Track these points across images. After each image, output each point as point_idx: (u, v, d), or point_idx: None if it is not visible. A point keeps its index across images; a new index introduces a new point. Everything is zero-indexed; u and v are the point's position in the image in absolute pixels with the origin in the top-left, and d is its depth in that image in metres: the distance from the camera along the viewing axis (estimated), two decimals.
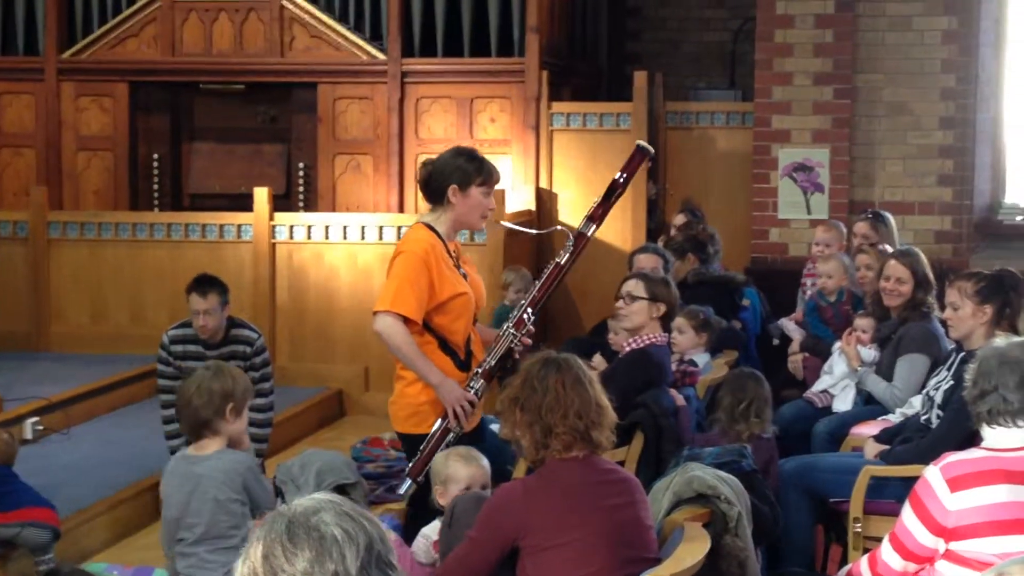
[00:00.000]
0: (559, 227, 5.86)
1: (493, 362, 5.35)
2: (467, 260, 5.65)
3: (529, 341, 5.47)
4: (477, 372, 5.34)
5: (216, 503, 4.89)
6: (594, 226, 5.48)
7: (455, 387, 5.24)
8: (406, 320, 5.26)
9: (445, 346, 5.39)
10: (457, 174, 5.39)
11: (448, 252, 5.42)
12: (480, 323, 5.75)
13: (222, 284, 7.10)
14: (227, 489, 4.92)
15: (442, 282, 5.32)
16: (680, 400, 6.16)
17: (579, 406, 4.12)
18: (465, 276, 5.49)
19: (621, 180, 5.53)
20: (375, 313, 5.32)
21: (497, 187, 5.50)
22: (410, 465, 5.31)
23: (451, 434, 5.22)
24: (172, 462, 5.20)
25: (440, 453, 5.05)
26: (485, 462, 4.87)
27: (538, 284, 5.47)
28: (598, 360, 6.58)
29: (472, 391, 5.27)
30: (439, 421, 5.22)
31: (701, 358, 7.19)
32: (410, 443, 5.41)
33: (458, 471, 4.79)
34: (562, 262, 5.44)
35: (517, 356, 5.42)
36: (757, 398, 6.02)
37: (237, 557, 4.68)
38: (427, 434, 5.28)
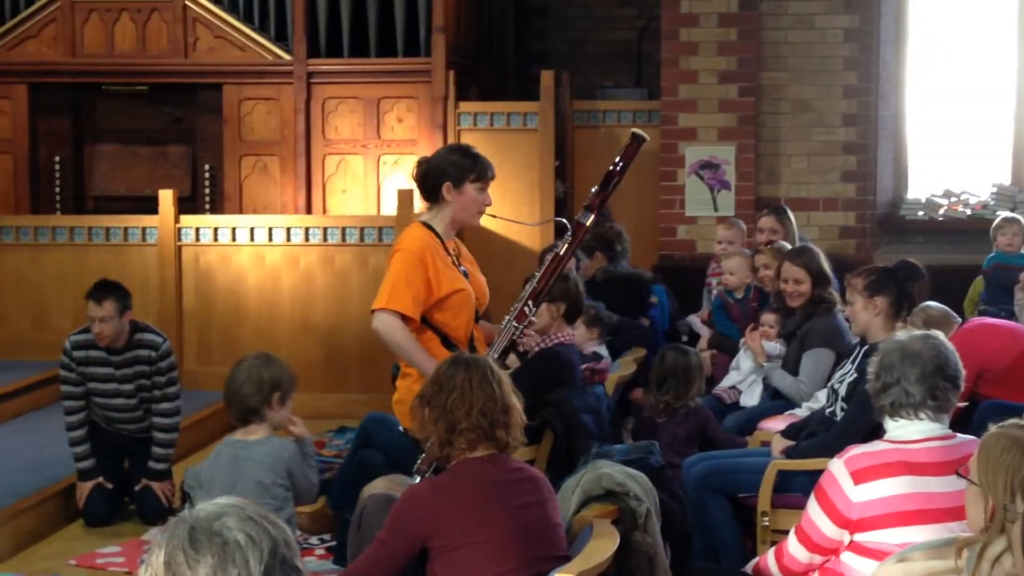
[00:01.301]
0: (555, 219, 5.83)
1: (496, 356, 5.28)
2: (468, 258, 5.65)
3: (532, 334, 5.50)
4: None
5: (261, 487, 5.00)
6: (592, 215, 5.44)
7: None
8: (404, 318, 5.25)
9: (447, 342, 5.38)
10: (451, 171, 5.41)
11: (446, 250, 5.42)
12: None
13: (121, 290, 6.98)
14: (272, 474, 5.03)
15: (440, 279, 5.33)
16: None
17: (484, 404, 4.12)
18: (466, 274, 5.48)
19: (618, 168, 5.49)
20: (372, 311, 5.32)
21: (405, 187, 5.51)
22: (419, 462, 5.26)
23: None
24: (219, 446, 5.25)
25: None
26: None
27: (537, 276, 5.45)
28: (512, 360, 6.58)
29: None
30: None
31: (601, 351, 7.25)
32: (411, 438, 5.33)
33: None
34: (561, 252, 5.42)
35: (521, 349, 5.43)
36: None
37: None
38: None
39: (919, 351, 4.14)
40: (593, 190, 5.50)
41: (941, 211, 10.22)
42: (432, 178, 5.44)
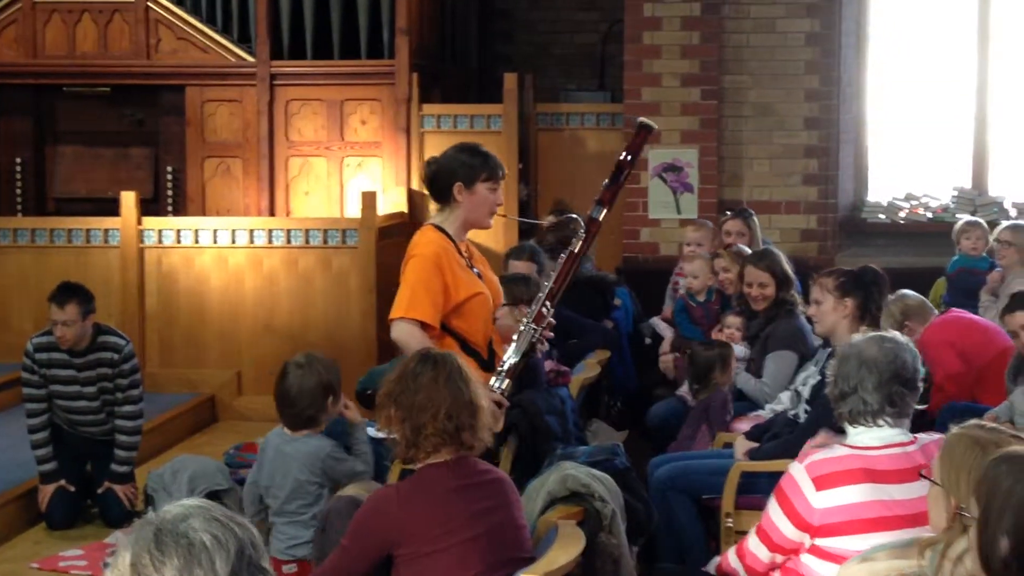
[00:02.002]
0: (568, 216, 5.72)
1: (516, 359, 5.21)
2: (479, 259, 5.53)
3: (551, 335, 5.39)
4: (501, 371, 5.20)
5: (296, 482, 5.26)
6: (605, 210, 5.36)
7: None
8: (424, 326, 5.13)
9: (466, 347, 5.25)
10: (461, 171, 5.27)
11: (460, 252, 5.31)
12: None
13: (84, 294, 6.94)
14: (307, 471, 5.26)
15: (457, 283, 5.22)
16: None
17: (450, 406, 4.08)
18: (479, 275, 5.38)
19: (627, 160, 5.40)
20: (391, 321, 5.18)
21: (367, 189, 5.43)
22: None
23: None
24: (271, 434, 5.49)
25: None
26: None
27: (554, 276, 5.35)
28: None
29: (498, 391, 5.13)
30: None
31: None
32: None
33: None
34: (576, 250, 5.32)
35: (539, 351, 5.37)
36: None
37: (305, 531, 4.66)
38: None
39: (875, 358, 4.13)
40: (604, 183, 5.42)
41: (902, 214, 10.28)
42: (442, 179, 5.30)
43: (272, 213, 10.49)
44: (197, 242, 9.55)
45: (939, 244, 9.10)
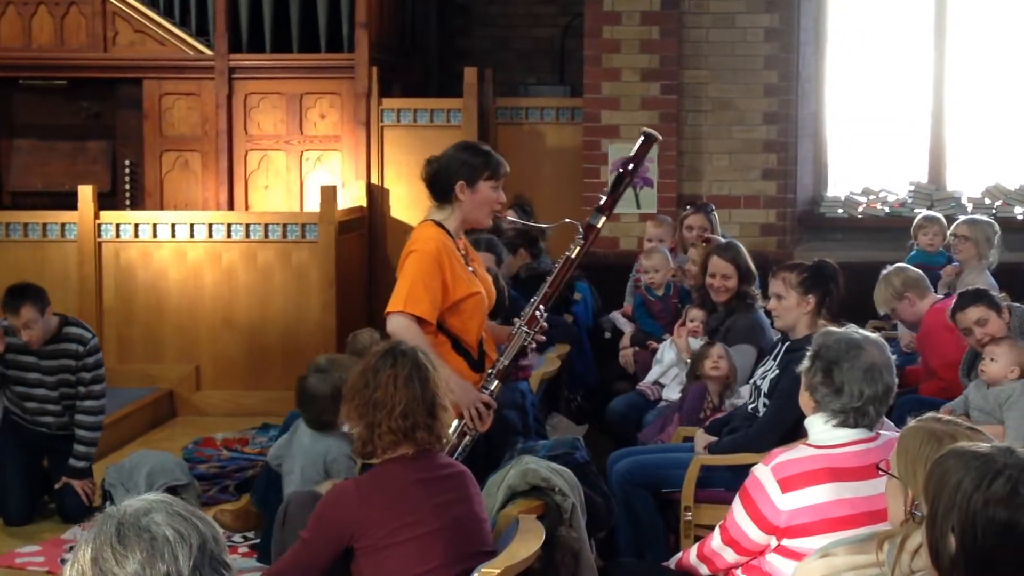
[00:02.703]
0: (567, 220, 5.77)
1: (507, 361, 5.24)
2: (475, 257, 5.53)
3: (543, 338, 5.42)
4: (491, 372, 5.22)
5: (302, 473, 5.50)
6: (603, 217, 5.41)
7: (470, 389, 5.12)
8: (420, 321, 5.11)
9: (458, 346, 5.26)
10: (463, 169, 5.26)
11: (458, 249, 5.31)
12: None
13: (33, 292, 6.82)
14: (311, 468, 5.49)
15: (456, 281, 5.21)
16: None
17: (406, 405, 4.09)
18: (474, 273, 5.38)
19: (629, 169, 5.43)
20: (387, 314, 5.16)
21: (326, 183, 5.41)
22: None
23: (467, 437, 5.12)
24: (296, 419, 5.67)
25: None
26: None
27: (549, 280, 5.39)
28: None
29: (487, 392, 5.16)
30: (455, 423, 5.02)
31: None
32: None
33: None
34: (572, 256, 5.37)
35: (530, 354, 5.38)
36: None
37: None
38: None
39: (879, 368, 4.13)
40: (604, 192, 5.50)
41: (860, 209, 10.34)
42: (444, 177, 5.30)
43: (231, 207, 10.45)
44: (155, 236, 9.50)
45: (896, 238, 9.16)
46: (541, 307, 5.32)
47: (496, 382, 5.22)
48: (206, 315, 9.49)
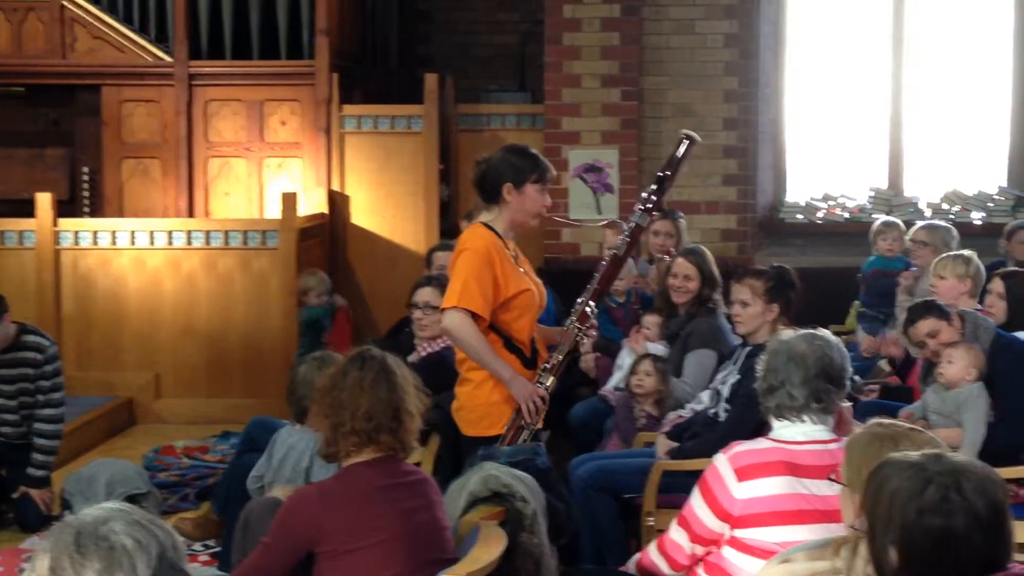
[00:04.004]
0: (616, 219, 5.90)
1: (560, 358, 5.35)
2: (524, 260, 5.61)
3: (595, 335, 5.58)
4: (545, 368, 5.34)
5: (294, 471, 5.38)
6: (648, 218, 5.60)
7: (526, 382, 5.24)
8: (474, 316, 5.22)
9: (510, 344, 5.36)
10: (511, 172, 5.37)
11: (507, 250, 5.40)
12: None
13: None
14: (307, 458, 5.35)
15: (507, 279, 5.31)
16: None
17: (369, 407, 4.10)
18: (525, 274, 5.46)
19: (672, 170, 5.67)
20: (443, 310, 5.27)
21: (287, 190, 5.42)
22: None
23: (524, 431, 5.21)
24: (279, 432, 5.63)
25: None
26: None
27: (597, 277, 5.53)
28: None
29: (542, 387, 5.27)
30: (513, 417, 5.20)
31: None
32: (478, 446, 5.31)
33: None
34: (620, 253, 5.54)
35: (582, 351, 5.42)
36: None
37: None
38: (499, 435, 5.25)
39: (804, 353, 4.20)
40: (648, 191, 5.64)
41: (820, 214, 10.40)
42: (492, 179, 5.40)
43: (191, 214, 10.41)
44: (115, 244, 9.46)
45: (856, 244, 9.21)
46: (591, 304, 5.49)
47: (551, 377, 5.35)
48: (166, 323, 9.45)
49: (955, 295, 6.51)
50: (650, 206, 5.61)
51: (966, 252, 6.96)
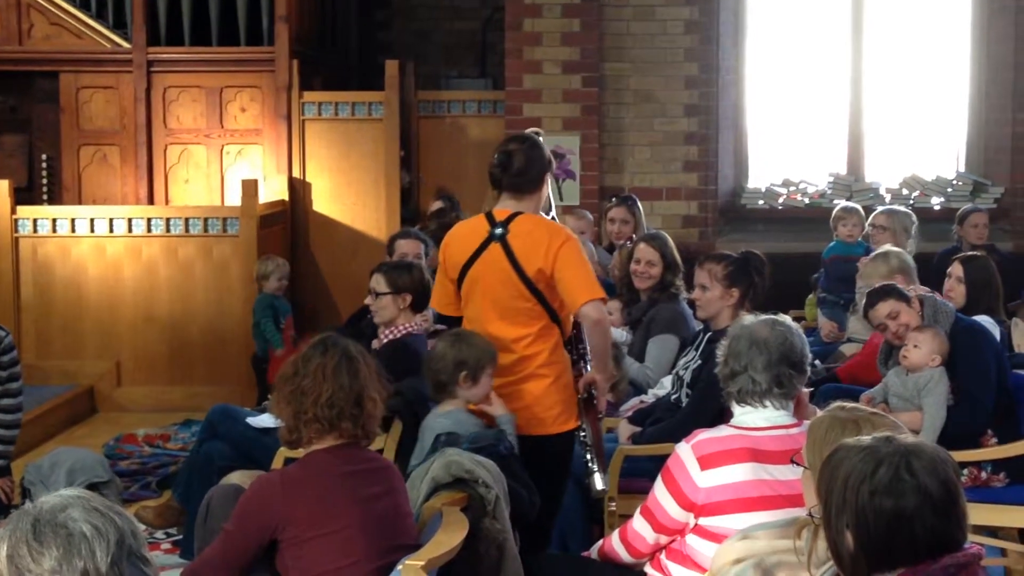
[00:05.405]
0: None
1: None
2: None
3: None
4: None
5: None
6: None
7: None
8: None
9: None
10: (545, 161, 5.29)
11: None
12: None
13: None
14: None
15: None
16: None
17: (332, 394, 4.09)
18: None
19: None
20: (585, 303, 5.04)
21: (247, 177, 5.37)
22: (595, 462, 5.22)
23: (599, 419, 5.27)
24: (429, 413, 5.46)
25: None
26: None
27: None
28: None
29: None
30: (581, 407, 5.21)
31: None
32: (563, 442, 5.24)
33: None
34: None
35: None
36: None
37: None
38: (575, 429, 5.22)
39: (766, 338, 4.20)
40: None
41: (780, 200, 10.43)
42: (537, 168, 5.26)
43: (151, 201, 10.35)
44: (74, 231, 9.41)
45: (817, 229, 9.25)
46: None
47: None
48: (126, 310, 9.41)
49: None
50: None
51: (884, 248, 7.08)
